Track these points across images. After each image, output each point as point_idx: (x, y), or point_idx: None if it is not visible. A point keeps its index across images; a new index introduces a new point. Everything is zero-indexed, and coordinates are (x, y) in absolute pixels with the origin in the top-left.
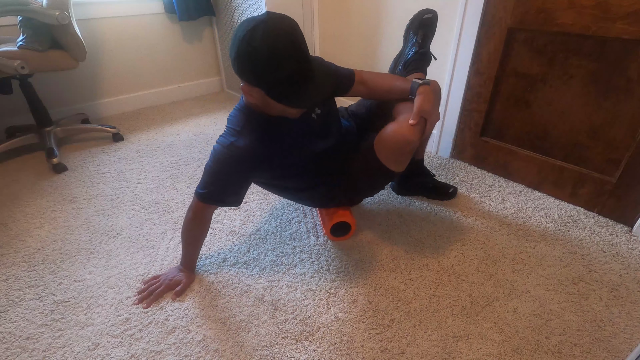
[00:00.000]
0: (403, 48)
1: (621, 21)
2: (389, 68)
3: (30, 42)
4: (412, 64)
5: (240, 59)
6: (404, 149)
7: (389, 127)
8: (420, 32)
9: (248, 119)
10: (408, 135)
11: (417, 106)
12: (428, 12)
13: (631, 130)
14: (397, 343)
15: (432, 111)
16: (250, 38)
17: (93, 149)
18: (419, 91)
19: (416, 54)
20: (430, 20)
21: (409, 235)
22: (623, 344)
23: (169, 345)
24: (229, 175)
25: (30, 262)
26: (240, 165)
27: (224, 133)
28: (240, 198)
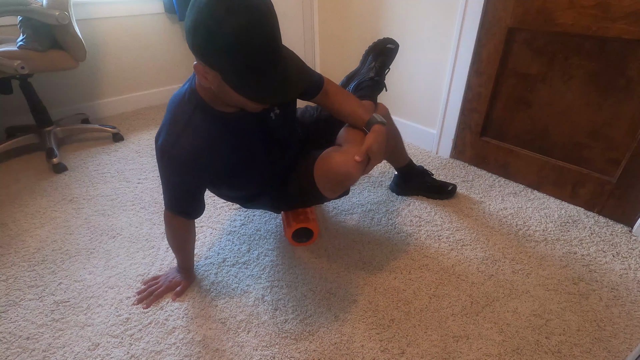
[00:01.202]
0: (359, 68)
1: (621, 21)
2: (341, 82)
3: (30, 42)
4: (365, 89)
5: (198, 31)
6: (344, 182)
7: (333, 155)
8: (379, 59)
9: (194, 112)
10: (352, 170)
11: (367, 143)
12: (391, 43)
13: (631, 130)
14: (397, 343)
15: (378, 153)
16: (214, 8)
17: (93, 149)
18: (374, 128)
19: (371, 80)
20: (392, 51)
21: (409, 235)
22: (623, 344)
23: (169, 345)
24: (180, 184)
25: (30, 262)
26: (186, 171)
27: (164, 127)
28: (201, 206)
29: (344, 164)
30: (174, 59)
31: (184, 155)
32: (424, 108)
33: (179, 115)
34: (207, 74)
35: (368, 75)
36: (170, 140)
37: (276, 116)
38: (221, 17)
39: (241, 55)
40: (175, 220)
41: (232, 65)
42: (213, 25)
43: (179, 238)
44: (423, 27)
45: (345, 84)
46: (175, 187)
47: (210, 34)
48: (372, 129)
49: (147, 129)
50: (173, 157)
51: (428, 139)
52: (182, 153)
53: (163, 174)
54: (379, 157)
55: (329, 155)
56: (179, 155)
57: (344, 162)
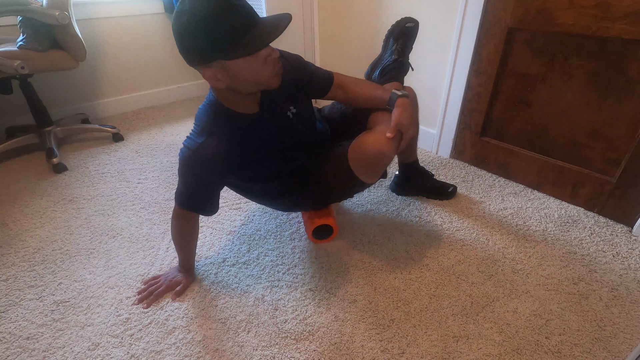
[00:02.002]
0: (382, 53)
1: (621, 21)
2: (365, 72)
3: (30, 42)
4: (390, 72)
5: (183, 36)
6: (379, 162)
7: (364, 138)
8: (400, 40)
9: (217, 116)
10: (385, 148)
11: (395, 119)
12: (410, 21)
13: (631, 130)
14: (397, 343)
15: (409, 125)
16: (181, 10)
17: (93, 149)
18: (397, 103)
19: (395, 62)
20: (412, 30)
21: (409, 235)
22: (623, 344)
23: (169, 345)
24: (200, 181)
25: (30, 262)
26: (209, 168)
27: (191, 133)
28: (216, 204)
29: (376, 144)
30: (174, 59)
31: (209, 153)
32: (424, 108)
33: (204, 120)
34: (214, 73)
35: (391, 58)
36: (195, 142)
37: (293, 115)
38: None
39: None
40: (185, 218)
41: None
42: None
43: (186, 236)
44: (423, 27)
45: (370, 73)
46: (194, 184)
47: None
48: (396, 103)
49: (147, 129)
50: (196, 156)
51: (428, 139)
52: (206, 152)
53: (184, 172)
54: (410, 128)
55: (360, 140)
56: (202, 153)
57: (376, 142)
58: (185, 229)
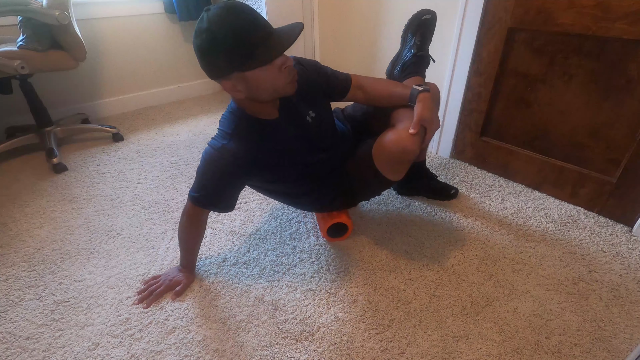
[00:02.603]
0: (401, 49)
1: (621, 21)
2: (386, 70)
3: (30, 42)
4: (410, 67)
5: (204, 52)
6: (404, 159)
7: (388, 136)
8: (418, 33)
9: (239, 122)
10: (409, 145)
11: (417, 115)
12: (427, 13)
13: (631, 130)
14: (397, 343)
15: (432, 120)
16: (200, 29)
17: (93, 149)
18: (418, 98)
19: (414, 57)
20: (429, 22)
21: (409, 235)
22: (623, 344)
23: (169, 345)
24: (221, 179)
25: (30, 262)
26: (231, 168)
27: (215, 135)
28: (233, 202)
29: (400, 140)
30: (174, 59)
31: (232, 154)
32: None
33: (227, 126)
34: (233, 85)
35: (410, 53)
36: (220, 142)
37: (312, 119)
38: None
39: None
40: (197, 216)
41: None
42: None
43: (194, 235)
44: None
45: (391, 70)
46: (212, 184)
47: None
48: (418, 98)
49: (147, 129)
50: (221, 156)
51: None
52: (229, 153)
53: (205, 169)
54: (434, 123)
55: (383, 138)
56: (227, 154)
57: (399, 138)
58: (194, 227)
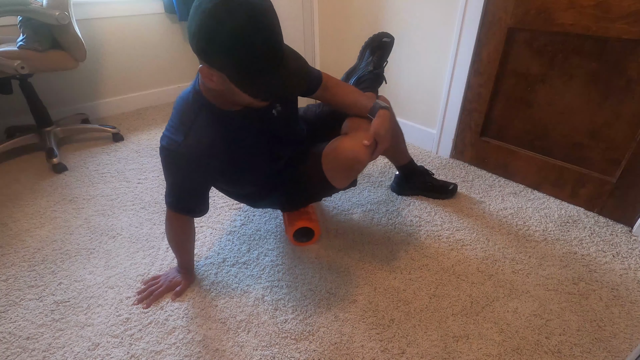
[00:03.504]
0: (357, 63)
1: (621, 21)
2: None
3: (30, 42)
4: (366, 82)
5: (203, 34)
6: (354, 167)
7: (341, 142)
8: (377, 52)
9: (199, 113)
10: (360, 154)
11: (373, 128)
12: (387, 37)
13: (631, 130)
14: (397, 343)
15: (385, 137)
16: (216, 11)
17: (93, 149)
18: (379, 114)
19: (371, 73)
20: (388, 44)
21: (409, 235)
22: (623, 344)
23: (169, 345)
24: (185, 182)
25: (30, 262)
26: (191, 169)
27: (169, 127)
28: (205, 205)
29: (352, 149)
30: (174, 59)
31: (191, 153)
32: (424, 108)
33: (185, 116)
34: (212, 76)
35: (367, 69)
36: (176, 140)
37: (278, 113)
38: (222, 19)
39: (242, 54)
40: (178, 220)
41: (235, 65)
42: (215, 27)
43: (180, 238)
44: (423, 27)
45: (345, 80)
46: (180, 186)
47: (213, 36)
48: (377, 114)
49: (147, 129)
50: (180, 156)
51: (428, 139)
52: (188, 152)
53: (169, 173)
54: (386, 140)
55: (336, 143)
56: (186, 153)
57: (352, 147)
58: (179, 230)
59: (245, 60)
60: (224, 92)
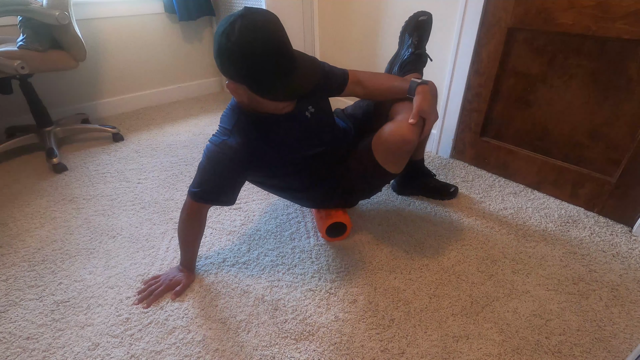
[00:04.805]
0: (399, 50)
1: (621, 21)
2: (385, 70)
3: (30, 42)
4: (408, 65)
5: (221, 55)
6: (403, 149)
7: (387, 127)
8: (415, 34)
9: (239, 118)
10: (407, 134)
11: (416, 106)
12: (423, 15)
13: (631, 130)
14: (397, 343)
15: (431, 111)
16: (229, 33)
17: (93, 149)
18: (417, 91)
19: (412, 55)
20: (425, 22)
21: (409, 235)
22: (623, 344)
23: (169, 345)
24: (222, 174)
25: (30, 262)
26: (232, 164)
27: (216, 132)
28: (234, 197)
29: (399, 130)
30: (174, 59)
31: (232, 150)
32: None
33: (227, 122)
34: (237, 89)
35: (408, 52)
36: (221, 138)
37: (311, 114)
38: (231, 36)
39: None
40: (197, 212)
41: (252, 76)
42: (231, 49)
43: (193, 231)
44: None
45: (389, 70)
46: (213, 180)
47: (231, 56)
48: (417, 91)
49: (147, 129)
50: (222, 152)
51: (428, 139)
52: (230, 149)
53: (207, 164)
54: (432, 114)
55: (383, 129)
56: (227, 150)
57: (398, 128)
58: (194, 224)
59: (260, 75)
60: (251, 102)
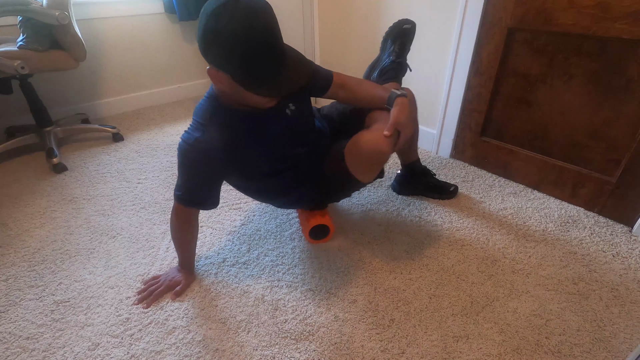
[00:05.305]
0: (380, 55)
1: (621, 21)
2: (364, 73)
3: (30, 42)
4: (388, 73)
5: (206, 38)
6: (376, 160)
7: (362, 136)
8: (398, 41)
9: (215, 111)
10: (382, 146)
11: (393, 117)
12: (407, 23)
13: (631, 130)
14: (397, 343)
15: (407, 124)
16: (218, 15)
17: (93, 149)
18: (396, 102)
19: (393, 63)
20: (409, 31)
21: (409, 235)
22: (623, 344)
23: (169, 345)
24: (199, 175)
25: (30, 262)
26: (206, 163)
27: (189, 127)
28: (216, 199)
29: (374, 142)
30: (174, 59)
31: (206, 148)
32: (424, 108)
33: (202, 116)
34: (219, 77)
35: (389, 59)
36: (193, 135)
37: (292, 112)
38: (221, 20)
39: (241, 53)
40: (185, 214)
41: (235, 63)
42: (214, 28)
43: (186, 234)
44: (423, 27)
45: (369, 74)
46: (193, 179)
47: (217, 41)
48: (395, 102)
49: (147, 129)
50: (196, 150)
51: (428, 139)
52: (204, 146)
53: (183, 166)
54: (408, 127)
55: (357, 138)
56: (202, 147)
57: (373, 140)
58: (185, 226)
59: (247, 66)
60: (233, 93)
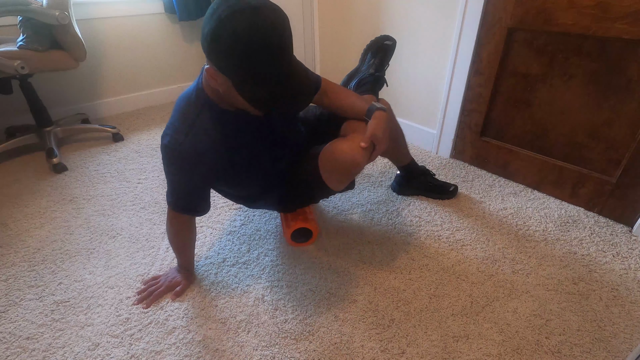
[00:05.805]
0: (359, 65)
1: (621, 21)
2: (342, 81)
3: (30, 42)
4: (367, 85)
5: (216, 39)
6: (350, 170)
7: (337, 145)
8: (378, 55)
9: (201, 111)
10: (357, 156)
11: (370, 130)
12: (388, 40)
13: (631, 130)
14: (397, 343)
15: (383, 138)
16: (234, 20)
17: (93, 149)
18: (375, 115)
19: (372, 76)
20: (390, 47)
21: (409, 235)
22: (623, 344)
23: (169, 345)
24: (187, 183)
25: (30, 262)
26: (193, 167)
27: (172, 126)
28: (205, 204)
29: (349, 151)
30: (174, 59)
31: (192, 153)
32: (423, 108)
33: (187, 114)
34: (217, 77)
35: (368, 71)
36: (178, 139)
37: (278, 116)
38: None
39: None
40: (179, 219)
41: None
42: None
43: (181, 238)
44: (423, 27)
45: (346, 83)
46: (181, 185)
47: (228, 46)
48: (374, 115)
49: (147, 129)
50: (181, 155)
51: (428, 139)
52: (190, 151)
53: (170, 172)
54: (383, 142)
55: (333, 146)
56: (187, 153)
57: (349, 150)
58: (181, 230)
59: (255, 79)
60: (226, 95)
